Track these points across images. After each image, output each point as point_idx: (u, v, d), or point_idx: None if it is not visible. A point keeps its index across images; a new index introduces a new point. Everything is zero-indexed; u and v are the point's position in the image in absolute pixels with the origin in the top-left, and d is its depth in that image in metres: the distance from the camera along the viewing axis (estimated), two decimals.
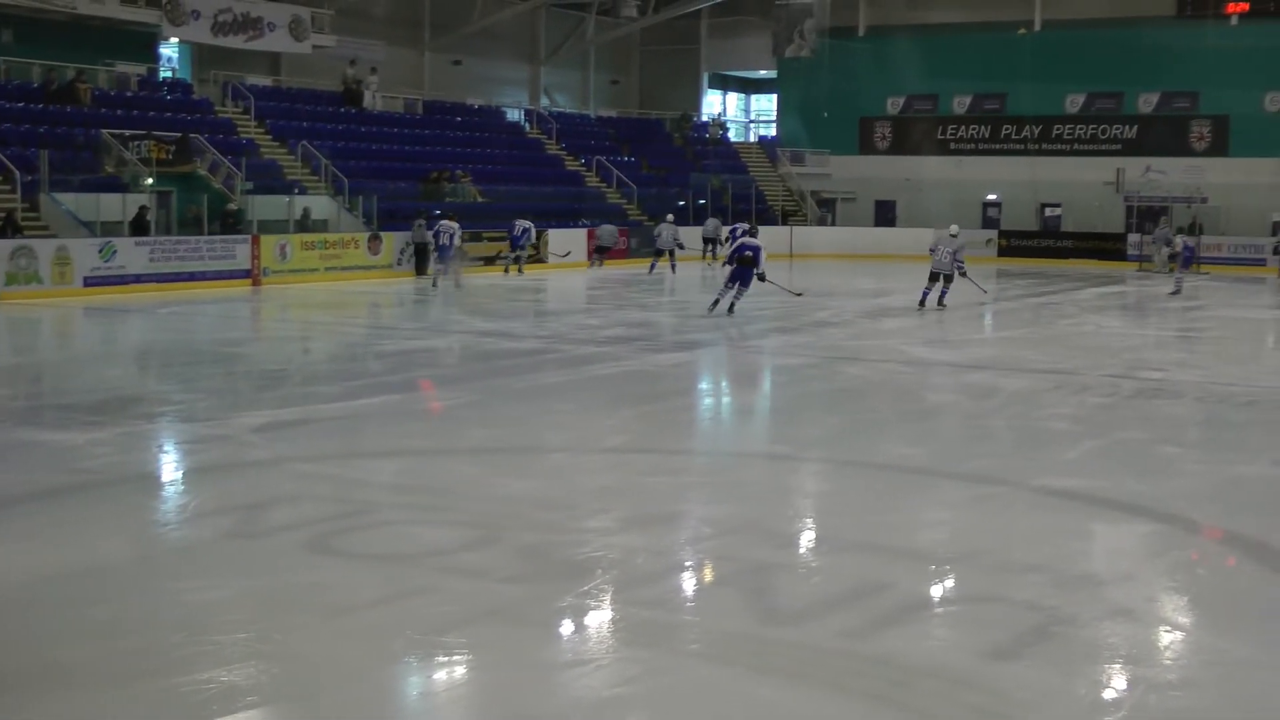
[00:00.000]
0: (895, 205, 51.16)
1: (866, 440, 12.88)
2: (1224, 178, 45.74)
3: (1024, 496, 10.41)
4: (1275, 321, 27.24)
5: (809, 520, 10.02)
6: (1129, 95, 49.29)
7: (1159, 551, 8.97)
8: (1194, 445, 13.19)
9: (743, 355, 20.43)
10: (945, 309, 26.06)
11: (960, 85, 51.50)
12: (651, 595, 7.66)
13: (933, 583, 8.10)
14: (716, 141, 54.97)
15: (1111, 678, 6.57)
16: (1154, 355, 20.68)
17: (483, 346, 20.03)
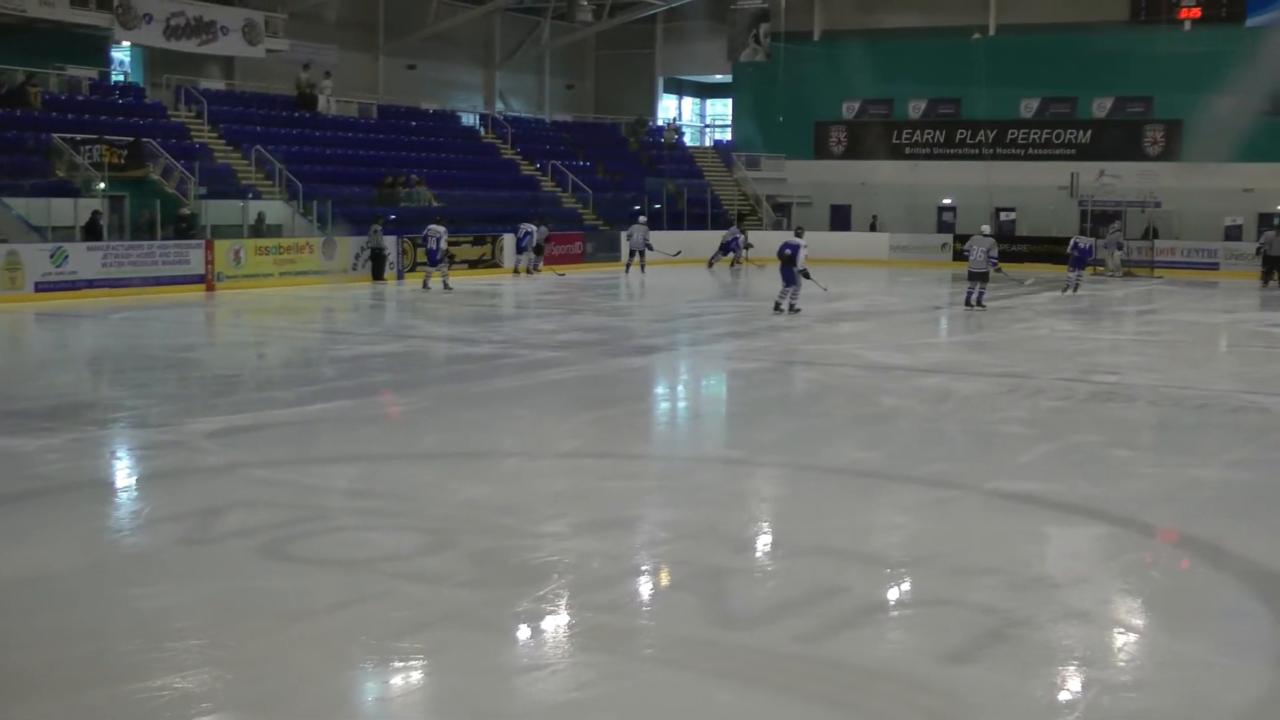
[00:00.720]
0: (850, 209, 51.32)
1: (822, 444, 12.90)
2: (1177, 182, 46.05)
3: (979, 500, 10.45)
4: (1228, 325, 27.43)
5: (764, 524, 10.03)
6: (1083, 100, 49.62)
7: (1113, 554, 9.02)
8: (1148, 448, 13.27)
9: (698, 359, 20.45)
10: (985, 309, 27.17)
11: (915, 90, 51.72)
12: (607, 600, 7.64)
13: (888, 586, 8.12)
14: (672, 146, 55.04)
15: (1066, 679, 6.59)
16: (1108, 359, 20.80)
17: (438, 351, 19.99)
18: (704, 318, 26.12)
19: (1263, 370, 20.51)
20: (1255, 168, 45.40)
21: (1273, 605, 7.83)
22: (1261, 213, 46.88)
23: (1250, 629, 7.44)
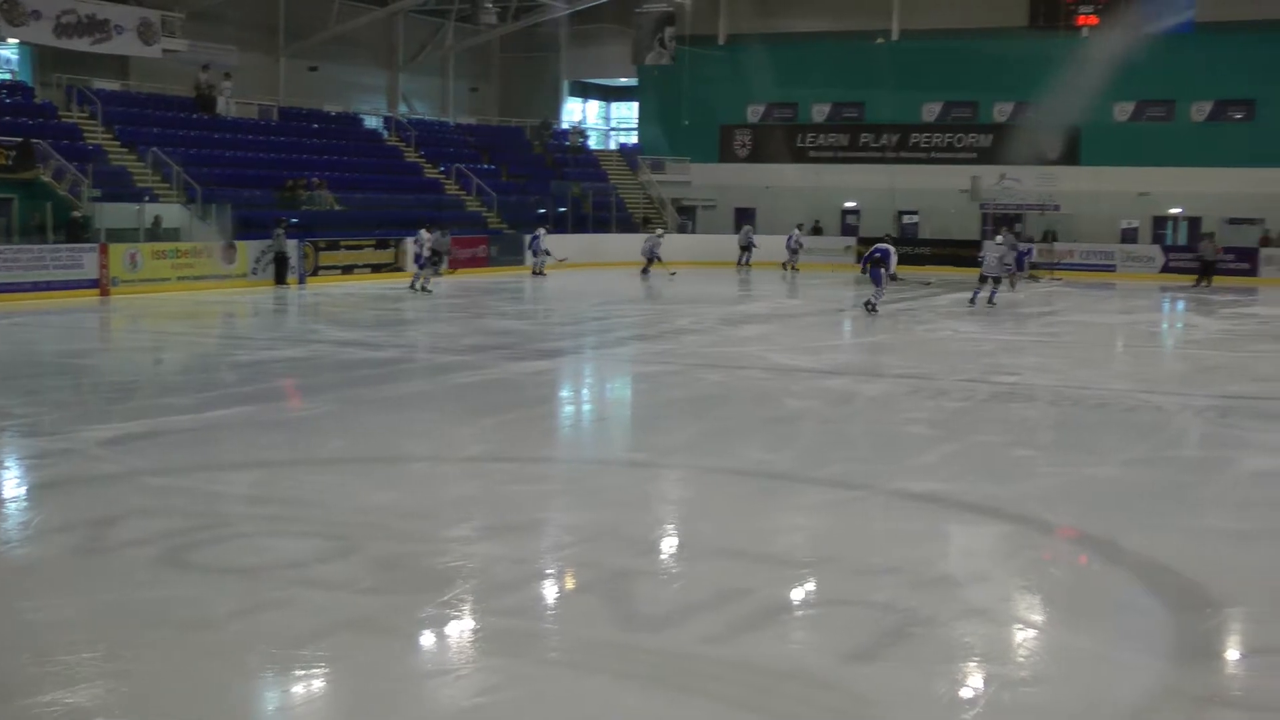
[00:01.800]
0: (755, 213, 51.51)
1: (727, 446, 12.90)
2: (1075, 186, 46.67)
3: (882, 500, 10.51)
4: (1125, 326, 27.80)
5: (670, 526, 10.02)
6: (984, 104, 50.14)
7: (1013, 552, 9.10)
8: (1047, 447, 13.40)
9: (603, 363, 20.43)
10: (995, 306, 29.52)
11: (819, 93, 52.03)
12: (512, 604, 7.60)
13: (792, 587, 8.13)
14: (577, 149, 55.00)
15: (967, 676, 6.64)
16: (1008, 360, 21.01)
17: (341, 356, 19.78)
18: (610, 321, 26.09)
19: (1158, 370, 20.84)
20: (1150, 171, 46.10)
21: (1167, 599, 7.93)
22: (1156, 216, 47.66)
23: (1145, 623, 7.53)
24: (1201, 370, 20.05)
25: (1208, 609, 7.72)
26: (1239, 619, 7.64)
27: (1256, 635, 7.44)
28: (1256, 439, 13.60)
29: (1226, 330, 26.30)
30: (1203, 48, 46.23)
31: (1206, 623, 7.52)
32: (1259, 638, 7.39)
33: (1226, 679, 6.83)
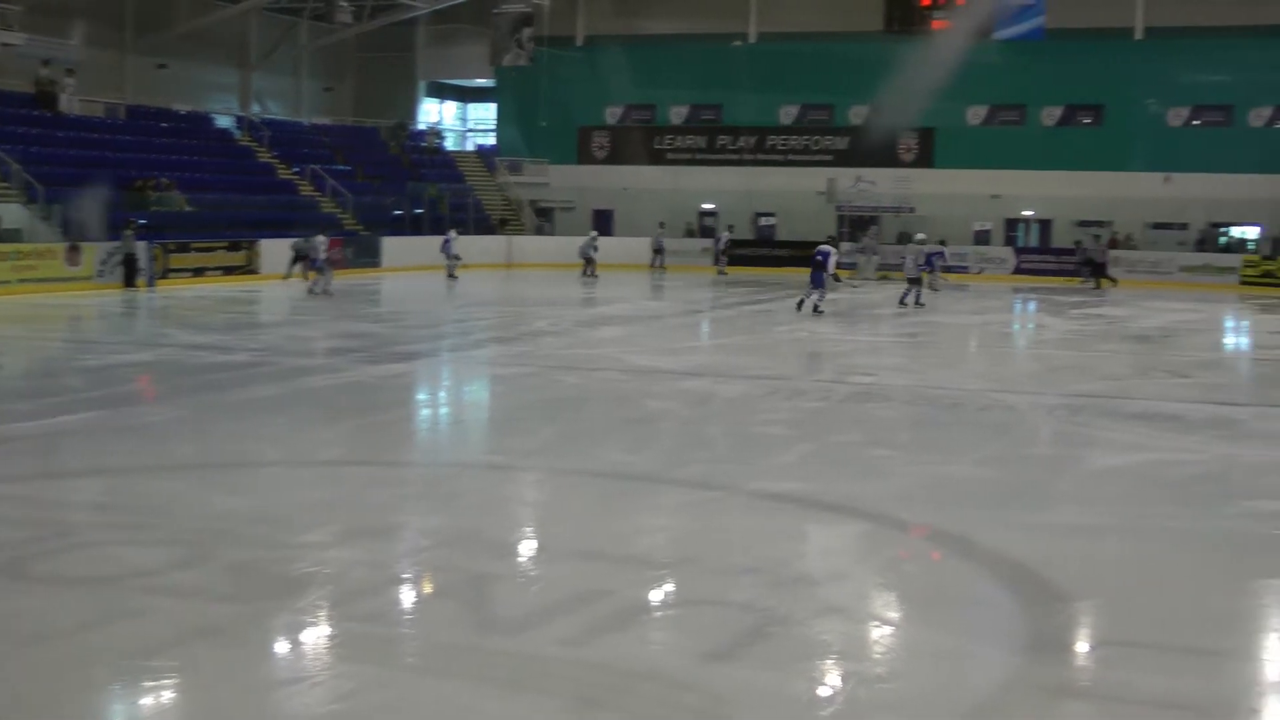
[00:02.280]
0: (613, 214, 51.55)
1: (585, 448, 12.90)
2: (930, 188, 47.32)
3: (740, 500, 10.55)
4: (979, 327, 28.23)
5: (528, 529, 9.99)
6: (840, 107, 50.63)
7: (870, 550, 9.20)
8: (903, 447, 13.55)
9: (461, 366, 20.31)
10: (924, 307, 30.22)
11: (677, 95, 52.20)
12: (368, 609, 7.52)
13: (651, 588, 8.14)
14: (433, 150, 54.64)
15: (825, 674, 6.70)
16: (865, 360, 21.24)
17: (192, 360, 19.42)
18: (467, 324, 25.96)
19: (1010, 370, 21.19)
20: (1002, 174, 46.91)
21: (1018, 594, 8.06)
22: (1009, 218, 48.48)
23: (997, 617, 7.65)
24: (1052, 370, 20.42)
25: (1058, 603, 7.86)
26: (1088, 612, 7.78)
27: (1105, 627, 7.59)
28: (1104, 436, 13.86)
29: (1076, 330, 26.82)
30: (1053, 54, 47.08)
31: (1057, 616, 7.65)
32: (1107, 630, 7.54)
33: (1076, 670, 6.95)
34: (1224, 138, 46.48)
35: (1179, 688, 6.54)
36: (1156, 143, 46.60)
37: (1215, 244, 46.35)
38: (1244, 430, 14.50)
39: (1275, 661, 7.10)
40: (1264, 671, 6.96)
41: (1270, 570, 8.72)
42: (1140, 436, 13.79)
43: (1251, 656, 7.15)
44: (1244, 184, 44.44)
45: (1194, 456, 12.68)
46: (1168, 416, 15.17)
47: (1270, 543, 9.56)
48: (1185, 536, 9.63)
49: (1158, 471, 12.10)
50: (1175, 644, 7.21)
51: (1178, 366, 20.70)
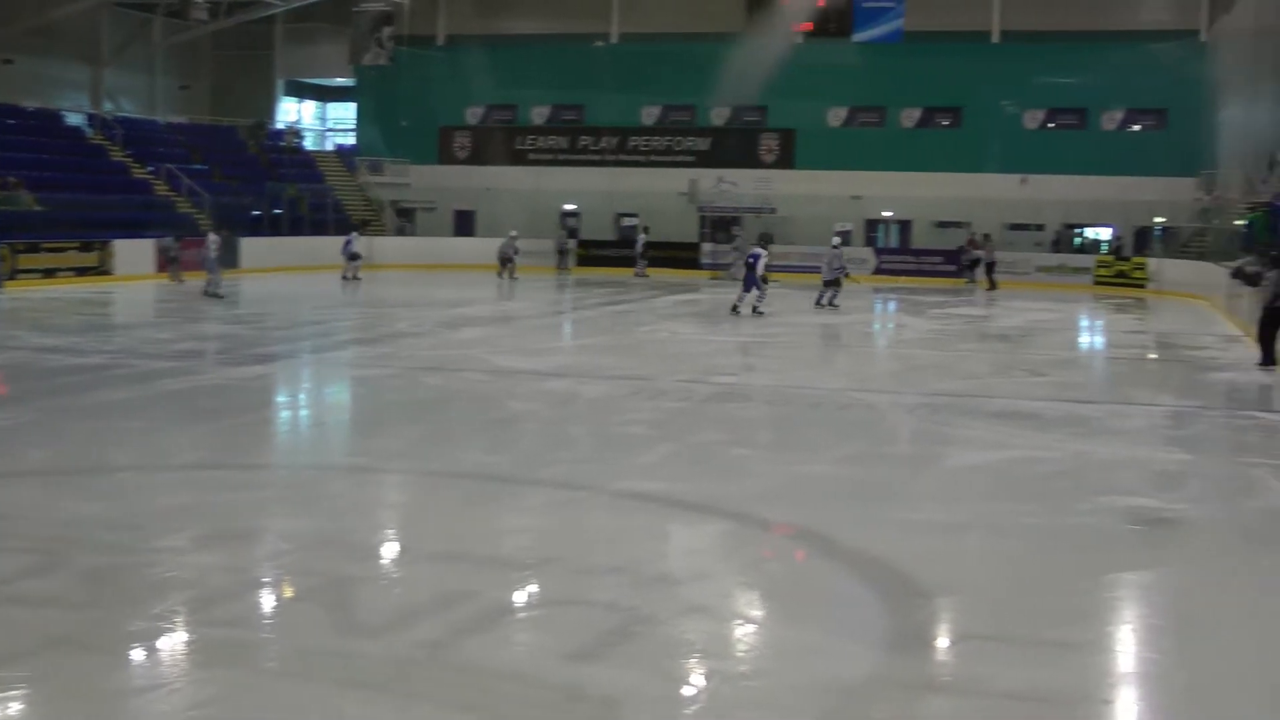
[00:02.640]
0: (475, 215, 51.35)
1: (447, 449, 12.84)
2: (791, 189, 47.71)
3: (603, 500, 10.55)
4: (840, 327, 28.50)
5: (391, 531, 9.92)
6: (702, 108, 50.88)
7: (732, 549, 9.24)
8: (764, 446, 13.65)
9: (322, 367, 20.10)
10: (838, 308, 30.78)
11: (539, 96, 52.15)
12: (228, 614, 7.41)
13: (515, 589, 8.11)
14: (292, 150, 54.02)
15: (690, 672, 6.71)
16: (726, 361, 21.33)
17: (43, 363, 18.97)
18: (327, 325, 25.71)
19: (871, 369, 21.43)
20: (863, 175, 47.45)
21: (879, 590, 8.15)
22: (869, 219, 49.03)
23: (860, 614, 7.72)
24: (912, 369, 20.68)
25: (919, 599, 7.95)
26: (949, 608, 7.88)
27: (965, 623, 7.68)
28: (963, 434, 14.06)
29: (935, 330, 27.18)
30: (912, 56, 47.69)
31: (918, 612, 7.74)
32: (968, 625, 7.63)
33: (937, 666, 7.03)
34: (1078, 140, 47.45)
35: (1037, 680, 6.64)
36: (1013, 145, 47.43)
37: (1070, 245, 47.34)
38: (1098, 427, 14.78)
39: (1129, 653, 7.23)
40: (1118, 663, 7.09)
41: (1124, 564, 8.89)
42: (999, 434, 14.01)
43: (1107, 648, 7.28)
44: (1097, 186, 45.40)
45: (1050, 454, 12.89)
46: (1025, 415, 15.43)
47: (1124, 537, 9.76)
48: (1043, 532, 9.79)
49: (1016, 469, 12.30)
50: (1034, 638, 7.32)
51: (1035, 365, 21.06)
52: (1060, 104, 48.23)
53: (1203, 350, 23.66)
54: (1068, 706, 6.36)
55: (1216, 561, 9.20)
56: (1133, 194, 44.94)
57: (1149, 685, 6.77)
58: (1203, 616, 7.84)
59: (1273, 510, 10.86)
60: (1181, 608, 8.03)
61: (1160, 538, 9.82)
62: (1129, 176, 44.95)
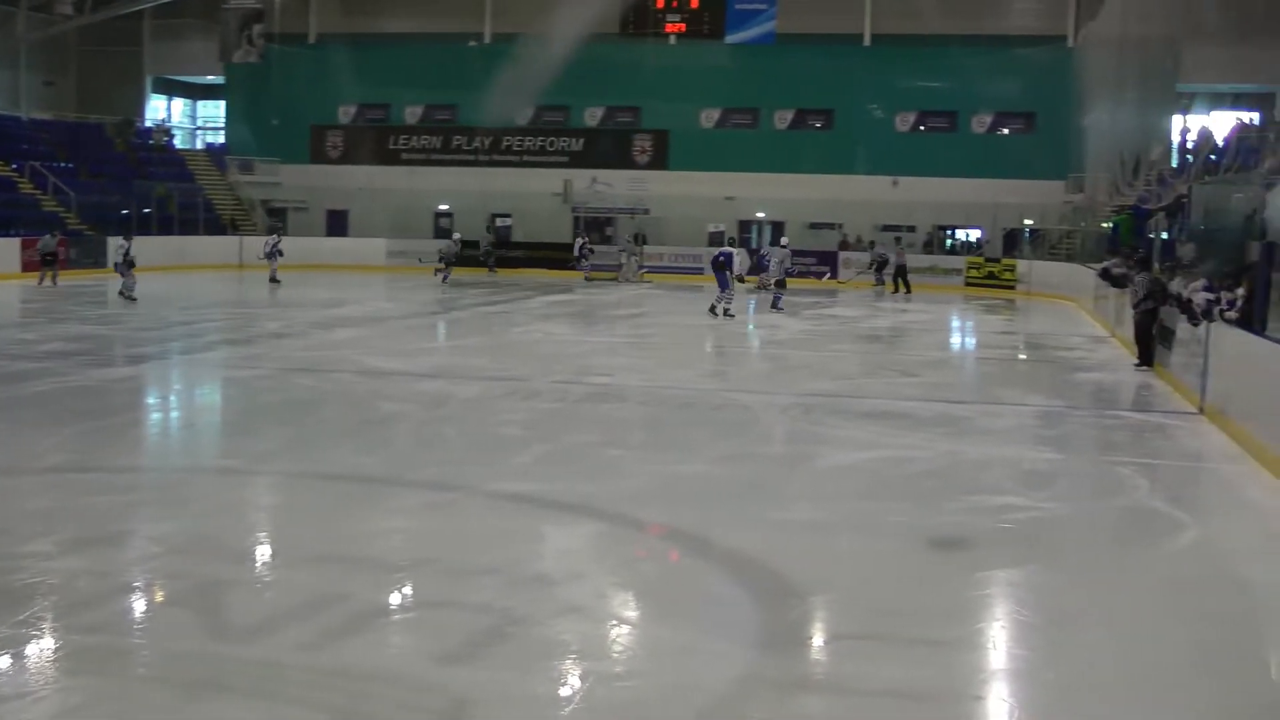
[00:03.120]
0: (348, 215, 50.96)
1: (320, 451, 12.72)
2: (665, 189, 47.89)
3: (477, 502, 10.53)
4: (712, 328, 28.63)
5: (263, 534, 9.82)
6: (575, 109, 50.88)
7: (607, 549, 9.25)
8: (638, 446, 13.69)
9: (193, 369, 19.82)
10: (783, 311, 30.96)
11: (412, 95, 51.85)
12: (96, 620, 7.29)
13: (389, 591, 8.06)
14: (161, 148, 53.24)
15: (564, 673, 6.72)
16: (601, 361, 21.36)
17: None
18: (198, 326, 25.37)
19: (744, 369, 21.57)
20: (736, 177, 47.71)
21: (753, 589, 8.21)
22: (742, 219, 49.31)
23: (734, 614, 7.77)
24: (785, 369, 20.84)
25: (793, 598, 8.02)
26: (821, 607, 7.96)
27: (838, 621, 7.77)
28: (836, 434, 14.20)
29: (808, 331, 27.42)
30: (785, 58, 48.06)
31: (791, 612, 7.81)
32: (840, 624, 7.72)
33: (810, 664, 7.10)
34: (948, 143, 48.09)
35: (909, 678, 6.73)
36: (884, 147, 47.99)
37: (942, 246, 48.00)
38: (968, 427, 14.99)
39: (999, 650, 7.35)
40: (988, 660, 7.20)
41: (994, 562, 9.03)
42: (871, 434, 14.17)
43: (977, 646, 7.39)
44: (967, 188, 46.03)
45: (922, 453, 13.05)
46: (897, 415, 15.60)
47: (993, 535, 9.90)
48: (914, 531, 9.91)
49: (888, 468, 12.44)
50: (905, 636, 7.42)
51: (906, 366, 21.31)
52: (931, 107, 48.88)
53: (1071, 351, 24.08)
54: (939, 704, 6.45)
55: (1084, 559, 9.38)
56: (1002, 196, 45.63)
57: (1018, 682, 6.88)
58: (1071, 613, 7.99)
59: (1139, 508, 11.09)
60: (1050, 605, 8.17)
61: (1029, 536, 9.98)
62: (998, 179, 45.64)
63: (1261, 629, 8.04)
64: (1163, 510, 11.09)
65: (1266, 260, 15.50)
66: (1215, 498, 12.18)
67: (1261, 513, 11.11)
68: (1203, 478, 12.99)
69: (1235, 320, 15.61)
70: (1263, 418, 12.97)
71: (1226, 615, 8.08)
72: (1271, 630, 8.10)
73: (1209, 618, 7.98)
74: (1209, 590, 8.63)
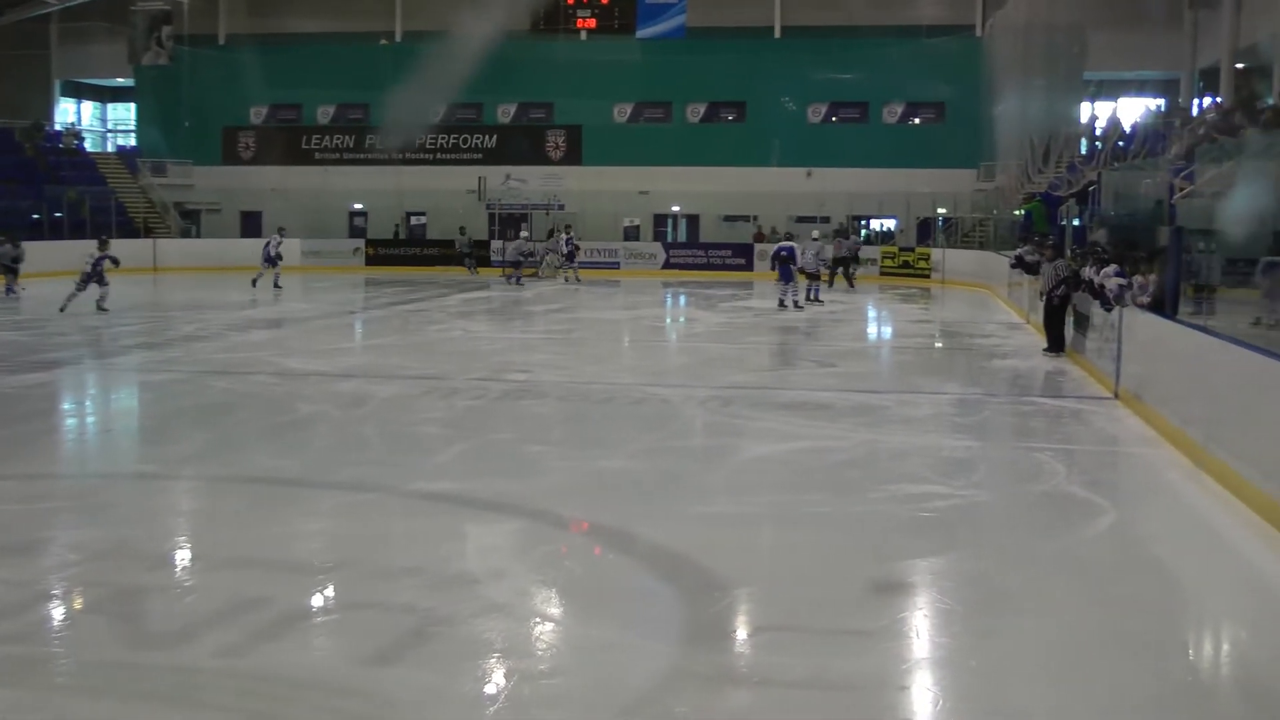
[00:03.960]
0: (261, 216, 50.61)
1: (238, 454, 12.62)
2: (579, 185, 47.92)
3: (397, 502, 10.49)
4: (630, 322, 28.66)
5: (181, 539, 9.72)
6: (488, 106, 50.82)
7: (529, 547, 9.23)
8: (558, 442, 13.66)
9: (107, 373, 19.60)
10: (822, 304, 31.83)
11: (324, 95, 51.62)
12: (12, 629, 7.20)
13: (310, 593, 8.01)
14: (71, 152, 52.63)
15: (488, 672, 6.71)
16: (519, 357, 21.31)
17: None
18: (112, 330, 25.08)
19: (662, 363, 21.60)
20: (650, 171, 47.84)
21: (676, 584, 8.22)
22: (657, 213, 49.44)
23: (657, 608, 7.79)
24: (704, 362, 20.89)
25: (716, 592, 8.04)
26: (745, 600, 7.99)
27: (761, 614, 7.80)
28: (754, 426, 14.24)
29: (725, 324, 27.48)
30: (696, 52, 48.24)
31: (715, 605, 7.82)
32: (763, 616, 7.75)
33: (734, 657, 7.12)
34: (860, 134, 48.47)
35: (833, 668, 6.77)
36: (797, 138, 48.28)
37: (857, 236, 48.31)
38: (887, 416, 15.09)
39: (922, 639, 7.40)
40: (912, 649, 7.25)
41: (915, 550, 9.09)
42: (790, 426, 14.22)
43: (900, 635, 7.44)
44: (880, 178, 46.39)
45: (841, 444, 13.13)
46: (816, 405, 15.68)
47: (913, 524, 9.97)
48: (835, 521, 9.97)
49: (807, 459, 12.50)
50: (829, 626, 7.46)
51: (824, 356, 21.43)
52: (842, 98, 49.26)
53: (987, 338, 24.30)
54: (864, 693, 6.49)
55: (1004, 546, 9.46)
56: (915, 185, 46.05)
57: (942, 670, 6.93)
58: (992, 600, 8.07)
59: (1057, 494, 11.19)
60: (972, 592, 8.24)
61: (950, 524, 10.06)
62: (911, 169, 46.03)
63: (1178, 612, 8.15)
64: (1080, 495, 11.20)
65: (1176, 245, 15.72)
66: (1132, 482, 12.33)
67: (1177, 496, 11.26)
68: (1119, 462, 13.14)
69: (1147, 305, 15.82)
70: (1176, 401, 13.15)
71: (1144, 599, 8.18)
72: (1188, 613, 8.22)
73: (1128, 602, 8.08)
74: (1128, 575, 8.73)
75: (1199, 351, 12.46)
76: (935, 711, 6.36)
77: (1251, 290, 17.71)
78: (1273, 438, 9.91)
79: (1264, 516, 9.76)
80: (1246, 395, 10.81)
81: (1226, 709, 6.65)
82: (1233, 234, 17.87)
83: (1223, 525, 10.07)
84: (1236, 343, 11.55)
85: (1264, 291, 17.41)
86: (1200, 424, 12.01)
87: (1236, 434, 10.91)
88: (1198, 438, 11.98)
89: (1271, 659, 7.28)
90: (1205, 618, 8.18)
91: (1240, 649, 7.55)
